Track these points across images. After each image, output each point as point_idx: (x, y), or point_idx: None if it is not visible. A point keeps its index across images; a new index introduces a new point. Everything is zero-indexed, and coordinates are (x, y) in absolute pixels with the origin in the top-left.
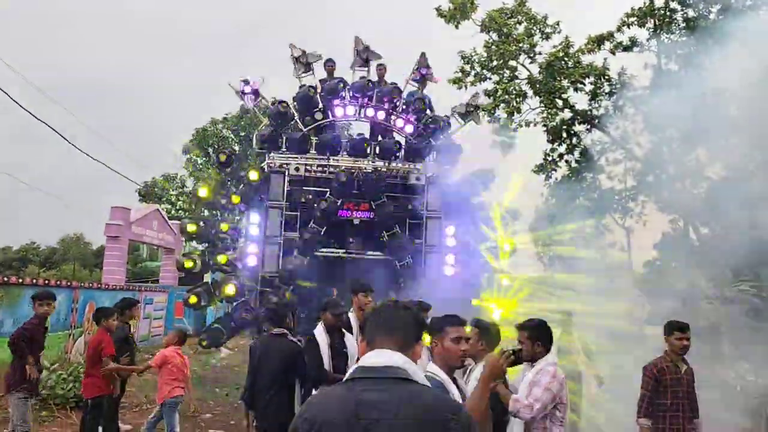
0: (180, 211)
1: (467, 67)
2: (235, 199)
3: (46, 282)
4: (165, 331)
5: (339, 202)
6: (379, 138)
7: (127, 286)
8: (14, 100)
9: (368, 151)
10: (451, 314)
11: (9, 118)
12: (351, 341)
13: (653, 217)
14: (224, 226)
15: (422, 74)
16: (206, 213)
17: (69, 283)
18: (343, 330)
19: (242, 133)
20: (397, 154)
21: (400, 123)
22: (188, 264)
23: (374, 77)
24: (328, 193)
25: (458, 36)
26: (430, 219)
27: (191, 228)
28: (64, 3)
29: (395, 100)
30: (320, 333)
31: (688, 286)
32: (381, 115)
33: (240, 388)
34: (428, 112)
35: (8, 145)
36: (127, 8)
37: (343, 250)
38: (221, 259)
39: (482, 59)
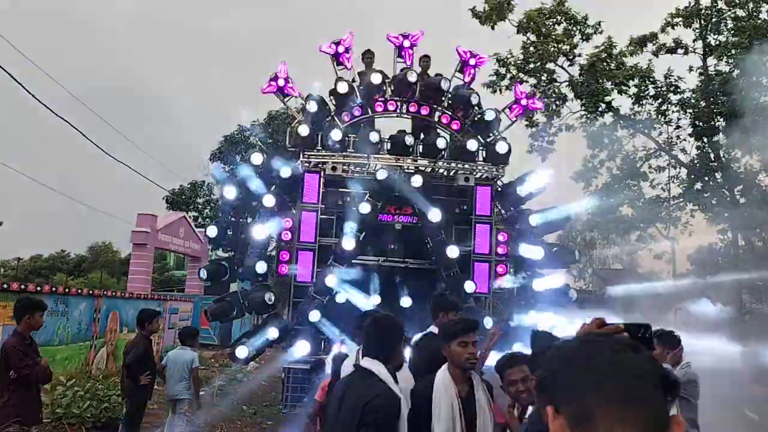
0: (207, 219)
1: (502, 70)
2: (268, 200)
3: (66, 290)
4: None
5: (380, 205)
6: (422, 136)
7: (152, 295)
8: (44, 104)
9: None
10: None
11: (34, 123)
12: (406, 374)
13: (699, 227)
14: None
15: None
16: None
17: (90, 292)
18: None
19: (269, 140)
20: (443, 154)
21: (445, 119)
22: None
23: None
24: (368, 195)
25: (489, 39)
26: (479, 224)
27: (212, 232)
28: (87, 12)
29: (439, 94)
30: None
31: (726, 298)
32: (424, 110)
33: (269, 406)
34: (476, 108)
35: (35, 152)
36: (154, 17)
37: (384, 258)
38: (251, 267)
39: (518, 62)
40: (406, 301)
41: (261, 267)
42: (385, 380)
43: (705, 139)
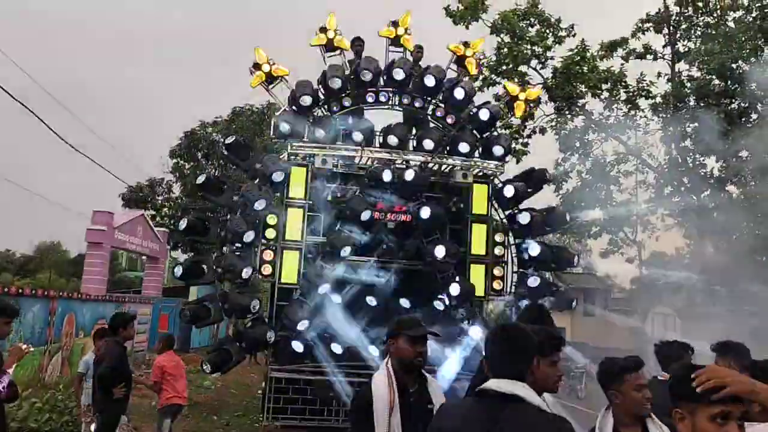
0: (166, 218)
1: (475, 72)
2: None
3: (20, 291)
4: (149, 345)
5: (372, 201)
6: (414, 130)
7: (109, 297)
8: (11, 95)
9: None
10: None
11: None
12: (436, 391)
13: (667, 232)
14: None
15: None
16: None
17: (45, 293)
18: (424, 372)
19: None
20: (438, 149)
21: (439, 113)
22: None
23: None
24: (359, 190)
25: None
26: (475, 224)
27: (184, 224)
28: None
29: (434, 87)
30: (381, 381)
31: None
32: (418, 103)
33: (242, 416)
34: (472, 103)
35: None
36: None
37: (375, 258)
38: (231, 265)
39: (491, 63)
40: (404, 303)
41: (242, 267)
42: (542, 407)
43: (673, 144)
